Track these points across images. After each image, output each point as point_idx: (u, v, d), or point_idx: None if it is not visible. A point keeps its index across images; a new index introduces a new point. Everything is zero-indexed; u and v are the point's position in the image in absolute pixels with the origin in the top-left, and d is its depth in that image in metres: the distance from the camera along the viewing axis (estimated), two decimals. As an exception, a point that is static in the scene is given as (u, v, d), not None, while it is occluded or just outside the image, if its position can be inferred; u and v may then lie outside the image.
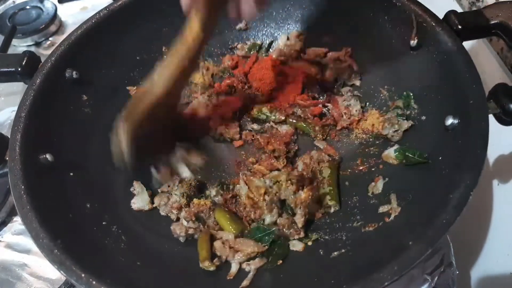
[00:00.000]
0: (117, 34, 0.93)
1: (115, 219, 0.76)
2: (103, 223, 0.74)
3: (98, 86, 0.90)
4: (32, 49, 1.30)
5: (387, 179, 0.79)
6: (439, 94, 0.76)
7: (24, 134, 0.72)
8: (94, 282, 0.56)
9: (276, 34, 1.04)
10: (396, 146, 0.80)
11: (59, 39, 0.86)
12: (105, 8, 0.90)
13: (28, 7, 1.37)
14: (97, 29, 0.89)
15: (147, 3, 0.95)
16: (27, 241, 0.64)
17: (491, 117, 0.67)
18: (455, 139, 0.68)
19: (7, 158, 0.70)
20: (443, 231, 0.56)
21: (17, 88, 0.77)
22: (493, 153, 0.89)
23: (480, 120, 0.65)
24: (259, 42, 1.05)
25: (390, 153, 0.80)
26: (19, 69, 0.82)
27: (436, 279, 0.74)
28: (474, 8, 0.96)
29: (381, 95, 0.89)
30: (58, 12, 1.35)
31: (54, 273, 0.76)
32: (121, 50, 0.94)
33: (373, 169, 0.82)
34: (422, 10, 0.80)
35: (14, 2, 1.42)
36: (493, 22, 0.76)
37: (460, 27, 0.76)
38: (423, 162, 0.73)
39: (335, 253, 0.69)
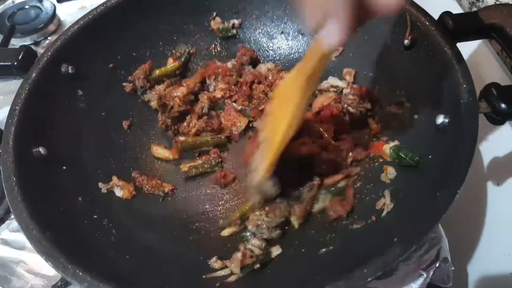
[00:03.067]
0: (113, 30, 0.93)
1: (106, 213, 0.76)
2: (94, 216, 0.75)
3: (93, 81, 0.90)
4: (31, 48, 1.32)
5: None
6: (431, 93, 0.76)
7: (18, 127, 0.73)
8: (80, 274, 0.57)
9: (272, 33, 1.04)
10: (392, 144, 0.80)
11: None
12: (102, 4, 0.91)
13: (27, 6, 1.37)
14: (94, 25, 0.90)
15: (144, 0, 0.95)
16: (25, 238, 0.66)
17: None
18: (445, 138, 0.68)
19: (0, 151, 0.71)
20: (428, 230, 0.56)
21: (15, 87, 0.78)
22: (491, 150, 0.89)
23: (470, 120, 0.64)
24: (228, 25, 1.04)
25: (386, 149, 0.81)
26: (15, 63, 0.82)
27: (431, 274, 0.74)
28: (474, 8, 0.96)
29: (375, 93, 0.89)
30: (57, 12, 1.36)
31: (51, 270, 0.77)
32: (117, 46, 0.95)
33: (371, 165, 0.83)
34: (417, 10, 0.80)
35: (13, 1, 1.42)
36: (487, 24, 0.75)
37: (454, 28, 0.76)
38: (413, 165, 0.73)
39: (323, 249, 0.69)
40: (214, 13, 1.04)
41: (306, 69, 0.62)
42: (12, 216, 0.90)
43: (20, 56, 0.83)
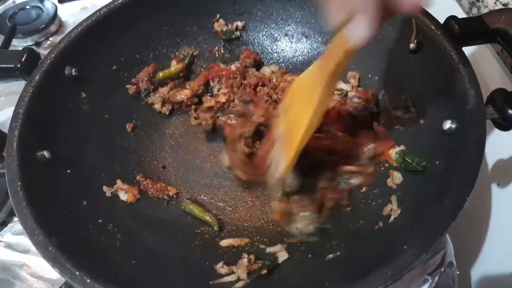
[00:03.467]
0: (117, 32, 0.93)
1: (111, 217, 0.76)
2: (99, 221, 0.74)
3: (97, 83, 0.89)
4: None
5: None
6: (438, 98, 0.76)
7: (21, 130, 0.72)
8: (88, 280, 0.56)
9: (276, 35, 1.04)
10: (398, 148, 0.80)
11: (59, 39, 0.86)
12: (105, 6, 0.90)
13: (28, 7, 1.36)
14: (97, 27, 0.89)
15: (147, 2, 0.95)
16: (28, 241, 0.65)
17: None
18: (452, 143, 0.67)
19: (4, 154, 0.70)
20: (437, 237, 0.56)
21: (18, 88, 0.78)
22: (493, 152, 0.89)
23: (477, 125, 0.64)
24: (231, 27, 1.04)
25: (392, 154, 0.80)
26: (19, 65, 0.81)
27: (436, 279, 0.74)
28: (474, 8, 0.96)
29: (380, 97, 0.89)
30: (58, 12, 1.35)
31: (55, 274, 0.77)
32: (120, 48, 0.94)
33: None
34: (422, 13, 0.80)
35: (14, 2, 1.42)
36: (493, 28, 0.75)
37: (459, 32, 0.75)
38: (419, 171, 0.73)
39: (330, 255, 0.69)
40: (218, 15, 1.03)
41: (329, 66, 0.61)
42: (15, 219, 0.90)
43: (23, 58, 0.82)
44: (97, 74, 0.90)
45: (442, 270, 0.75)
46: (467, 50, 0.75)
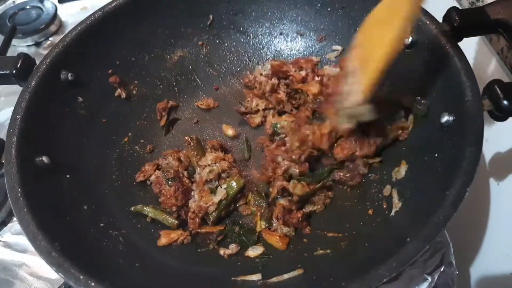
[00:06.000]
0: (111, 35, 0.92)
1: (112, 221, 0.76)
2: (101, 225, 0.74)
3: (93, 87, 0.89)
4: (32, 49, 1.31)
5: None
6: (434, 92, 0.77)
7: (19, 136, 0.72)
8: (92, 284, 0.56)
9: (271, 34, 1.04)
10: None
11: (59, 39, 0.86)
12: (100, 9, 0.90)
13: (28, 7, 1.37)
14: (92, 30, 0.89)
15: (141, 4, 0.94)
16: (27, 241, 0.66)
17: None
18: (450, 136, 0.68)
19: (3, 161, 0.70)
20: (440, 228, 0.56)
21: (18, 89, 0.78)
22: (492, 151, 0.89)
23: (475, 118, 0.65)
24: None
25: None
26: (14, 71, 0.80)
27: (436, 278, 0.74)
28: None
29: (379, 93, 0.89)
30: (58, 12, 1.35)
31: (54, 273, 0.77)
32: (116, 51, 0.94)
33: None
34: (417, 9, 0.80)
35: (14, 2, 1.42)
36: (494, 19, 0.75)
37: (460, 23, 0.75)
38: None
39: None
40: (211, 16, 1.03)
41: None
42: (15, 219, 0.90)
43: (19, 64, 0.81)
44: (93, 78, 0.90)
45: (442, 269, 0.75)
46: (467, 49, 0.75)
